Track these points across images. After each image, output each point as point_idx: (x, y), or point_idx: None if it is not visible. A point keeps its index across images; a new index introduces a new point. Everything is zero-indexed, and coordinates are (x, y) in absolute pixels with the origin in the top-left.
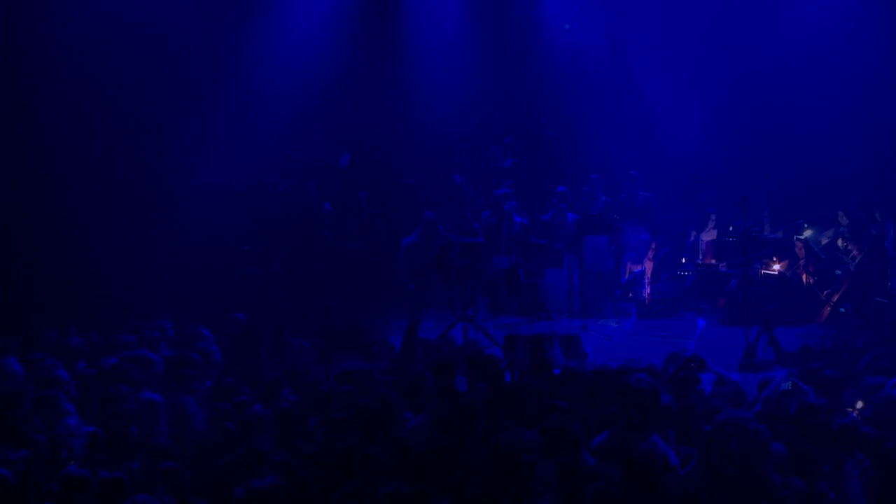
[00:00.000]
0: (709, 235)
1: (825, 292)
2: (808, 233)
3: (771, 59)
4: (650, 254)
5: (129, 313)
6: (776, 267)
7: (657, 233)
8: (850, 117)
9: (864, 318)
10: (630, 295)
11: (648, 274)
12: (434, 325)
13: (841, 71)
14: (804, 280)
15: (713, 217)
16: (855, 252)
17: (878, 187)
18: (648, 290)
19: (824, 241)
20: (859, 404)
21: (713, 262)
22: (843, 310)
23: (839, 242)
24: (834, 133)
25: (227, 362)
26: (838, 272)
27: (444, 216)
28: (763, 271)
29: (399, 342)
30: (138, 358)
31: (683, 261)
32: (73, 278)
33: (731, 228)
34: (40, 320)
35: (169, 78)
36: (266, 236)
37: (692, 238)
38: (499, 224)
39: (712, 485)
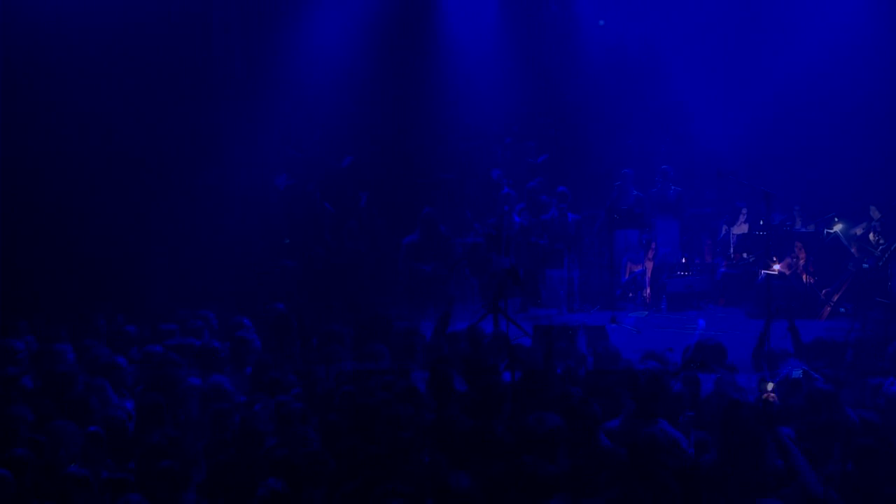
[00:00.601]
0: (740, 229)
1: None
2: (838, 227)
3: (803, 53)
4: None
5: (174, 303)
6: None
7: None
8: (882, 111)
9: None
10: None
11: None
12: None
13: (873, 66)
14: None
15: (744, 211)
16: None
17: None
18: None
19: (858, 231)
20: (769, 386)
21: (744, 255)
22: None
23: (871, 236)
24: (866, 127)
25: (266, 350)
26: (865, 265)
27: (484, 211)
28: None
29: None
30: (183, 346)
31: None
32: (121, 271)
33: (761, 222)
34: (89, 310)
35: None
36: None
37: (723, 232)
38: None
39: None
